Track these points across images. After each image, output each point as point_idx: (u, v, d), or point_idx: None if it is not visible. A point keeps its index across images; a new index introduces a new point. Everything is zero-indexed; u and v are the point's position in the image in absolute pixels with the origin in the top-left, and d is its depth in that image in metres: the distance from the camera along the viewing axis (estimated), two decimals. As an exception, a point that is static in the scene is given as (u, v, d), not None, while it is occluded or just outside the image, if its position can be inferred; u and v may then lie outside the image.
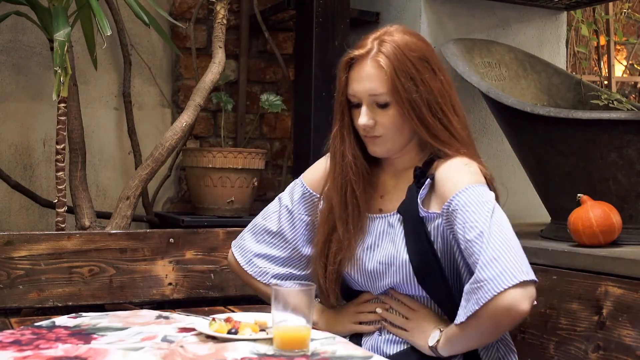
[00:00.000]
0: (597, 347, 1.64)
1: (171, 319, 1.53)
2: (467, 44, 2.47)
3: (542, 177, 2.18)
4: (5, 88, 2.65)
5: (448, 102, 1.52)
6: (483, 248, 1.33)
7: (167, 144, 2.29)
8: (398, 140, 1.52)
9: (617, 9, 4.02)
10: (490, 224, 1.36)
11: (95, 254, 1.95)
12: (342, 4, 2.55)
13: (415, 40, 1.52)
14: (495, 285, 1.29)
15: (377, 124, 1.50)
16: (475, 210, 1.38)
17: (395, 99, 1.47)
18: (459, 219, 1.39)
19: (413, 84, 1.47)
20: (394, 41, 1.49)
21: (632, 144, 1.92)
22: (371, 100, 1.49)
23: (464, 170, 1.46)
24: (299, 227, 1.66)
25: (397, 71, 1.46)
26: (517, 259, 1.32)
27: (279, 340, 1.26)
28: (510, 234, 1.37)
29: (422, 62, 1.49)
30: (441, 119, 1.50)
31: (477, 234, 1.35)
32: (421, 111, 1.48)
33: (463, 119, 1.56)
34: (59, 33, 2.01)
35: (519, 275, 1.29)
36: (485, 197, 1.41)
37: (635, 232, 1.98)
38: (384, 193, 1.59)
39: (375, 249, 1.54)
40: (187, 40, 2.88)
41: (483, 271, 1.31)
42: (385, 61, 1.47)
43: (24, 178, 2.66)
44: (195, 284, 2.05)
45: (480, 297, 1.30)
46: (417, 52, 1.49)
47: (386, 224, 1.55)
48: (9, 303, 1.87)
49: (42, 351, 1.24)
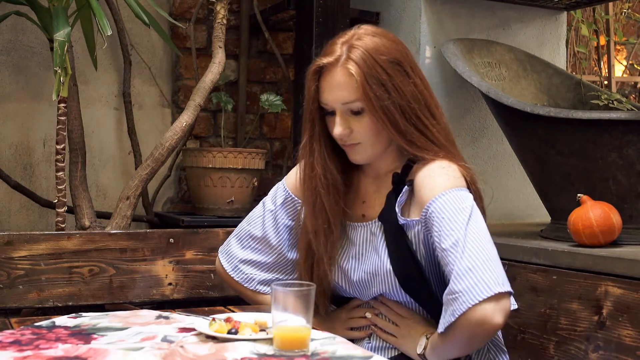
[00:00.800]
0: (597, 347, 1.64)
1: (171, 319, 1.53)
2: (467, 44, 2.47)
3: (542, 177, 2.18)
4: (5, 88, 2.65)
5: (423, 106, 1.47)
6: (457, 258, 1.31)
7: (167, 144, 2.29)
8: (377, 146, 1.49)
9: (617, 9, 4.02)
10: (465, 232, 1.33)
11: (95, 254, 1.95)
12: (342, 4, 2.55)
13: (386, 42, 1.46)
14: (469, 298, 1.27)
15: (353, 131, 1.46)
16: (451, 217, 1.35)
17: (367, 107, 1.43)
18: (435, 226, 1.37)
19: (384, 90, 1.42)
20: (363, 46, 1.44)
21: (632, 144, 1.92)
22: (345, 108, 1.45)
23: (442, 174, 1.42)
24: (282, 232, 1.63)
25: (368, 78, 1.42)
26: (492, 269, 1.30)
27: (279, 341, 1.26)
28: (486, 243, 1.34)
29: (393, 66, 1.45)
30: (416, 124, 1.45)
31: (452, 242, 1.33)
32: (394, 118, 1.43)
33: (441, 120, 1.51)
34: (59, 33, 2.01)
35: (493, 287, 1.27)
36: (462, 202, 1.37)
37: (635, 232, 1.98)
38: (365, 198, 1.57)
39: (360, 259, 1.53)
40: (187, 40, 2.88)
41: (457, 283, 1.29)
42: (355, 68, 1.42)
43: (24, 178, 2.66)
44: (195, 284, 2.04)
45: (455, 309, 1.29)
46: (387, 55, 1.45)
47: (369, 232, 1.53)
48: (9, 303, 1.87)
49: (42, 351, 1.24)
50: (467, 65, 2.30)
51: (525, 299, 1.85)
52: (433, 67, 2.55)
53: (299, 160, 1.57)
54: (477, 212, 1.39)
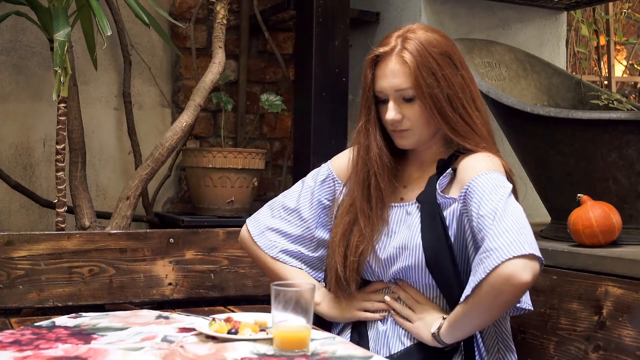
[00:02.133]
0: (597, 347, 1.64)
1: (171, 319, 1.53)
2: (467, 44, 2.47)
3: (542, 177, 2.18)
4: (5, 88, 2.65)
5: (469, 97, 1.56)
6: (494, 223, 1.36)
7: (167, 144, 2.29)
8: (425, 132, 1.57)
9: (617, 9, 4.02)
10: (505, 205, 1.38)
11: (95, 254, 1.95)
12: (342, 4, 2.55)
13: (437, 37, 1.56)
14: (502, 254, 1.31)
15: (404, 117, 1.55)
16: (492, 191, 1.41)
17: (418, 94, 1.52)
18: (475, 198, 1.42)
19: (435, 79, 1.51)
20: (417, 38, 1.54)
21: (632, 144, 1.92)
22: (397, 95, 1.54)
23: (485, 160, 1.50)
24: (316, 209, 1.69)
25: (420, 67, 1.51)
26: (527, 235, 1.35)
27: (279, 340, 1.26)
28: (522, 217, 1.40)
29: (444, 58, 1.54)
30: (461, 114, 1.54)
31: (490, 209, 1.38)
32: (442, 105, 1.52)
33: (484, 114, 1.60)
34: (59, 33, 2.01)
35: (527, 247, 1.31)
36: (503, 183, 1.44)
37: (635, 232, 1.98)
38: (407, 184, 1.63)
39: (391, 236, 1.58)
40: (187, 40, 2.88)
41: (492, 241, 1.33)
42: (409, 57, 1.51)
43: (24, 178, 2.66)
44: (195, 284, 2.04)
45: (486, 265, 1.32)
46: (438, 47, 1.54)
47: (404, 212, 1.59)
48: (9, 303, 1.87)
49: (42, 351, 1.24)
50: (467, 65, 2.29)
51: (525, 299, 1.85)
52: (433, 67, 2.54)
53: (352, 144, 1.64)
54: (513, 196, 1.45)
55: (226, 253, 2.08)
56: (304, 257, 1.70)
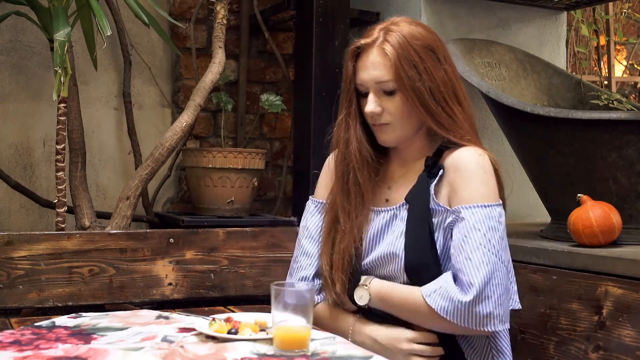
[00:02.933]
0: (597, 347, 1.64)
1: (171, 319, 1.53)
2: (467, 44, 2.47)
3: (542, 177, 2.18)
4: (5, 88, 2.65)
5: (451, 91, 1.54)
6: (465, 261, 1.42)
7: (167, 144, 2.29)
8: (406, 127, 1.55)
9: (617, 9, 4.02)
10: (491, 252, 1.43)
11: (95, 254, 1.95)
12: (342, 4, 2.55)
13: (421, 30, 1.55)
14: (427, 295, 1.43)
15: (385, 111, 1.53)
16: (478, 237, 1.43)
17: (399, 86, 1.50)
18: (461, 232, 1.44)
19: (416, 72, 1.50)
20: (400, 30, 1.53)
21: (632, 144, 1.92)
22: (378, 88, 1.53)
23: (480, 175, 1.49)
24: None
25: (401, 59, 1.50)
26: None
27: (279, 340, 1.26)
28: (500, 267, 1.43)
29: (426, 51, 1.52)
30: (444, 107, 1.53)
31: (470, 248, 1.42)
32: (424, 98, 1.50)
33: (468, 109, 1.59)
34: (59, 33, 2.01)
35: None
36: (495, 221, 1.45)
37: (635, 232, 1.98)
38: (390, 184, 1.62)
39: (375, 241, 1.56)
40: (187, 40, 2.88)
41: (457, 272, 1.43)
42: (389, 49, 1.50)
43: (24, 178, 2.66)
44: (195, 284, 2.04)
45: (464, 319, 1.40)
46: (421, 40, 1.53)
47: (390, 216, 1.57)
48: (9, 303, 1.87)
49: (42, 351, 1.24)
50: (467, 65, 2.30)
51: (525, 299, 1.85)
52: (433, 67, 2.54)
53: (333, 138, 1.63)
54: (503, 228, 1.47)
55: (226, 253, 2.08)
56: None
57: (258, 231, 2.11)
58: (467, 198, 1.47)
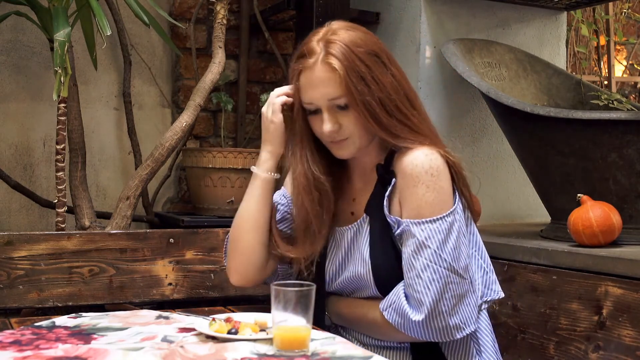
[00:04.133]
0: (597, 347, 1.64)
1: (171, 319, 1.53)
2: (467, 44, 2.47)
3: (542, 177, 2.18)
4: (5, 88, 2.65)
5: (402, 96, 1.46)
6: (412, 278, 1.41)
7: (167, 144, 2.29)
8: (364, 139, 1.48)
9: (617, 9, 4.02)
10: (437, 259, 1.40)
11: (95, 254, 1.95)
12: (342, 4, 2.55)
13: (361, 35, 1.46)
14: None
15: (342, 127, 1.45)
16: (428, 254, 1.40)
17: (350, 101, 1.42)
18: (411, 247, 1.42)
19: (365, 84, 1.41)
20: (340, 40, 1.43)
21: (632, 144, 1.92)
22: (331, 105, 1.44)
23: (425, 181, 1.42)
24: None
25: (349, 72, 1.41)
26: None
27: (279, 340, 1.26)
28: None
29: (371, 57, 1.44)
30: (397, 117, 1.45)
31: (419, 266, 1.40)
32: (376, 112, 1.42)
33: (421, 110, 1.51)
34: (59, 33, 2.01)
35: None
36: (443, 237, 1.40)
37: (635, 232, 1.98)
38: (355, 196, 1.57)
39: (345, 264, 1.55)
40: (187, 40, 2.88)
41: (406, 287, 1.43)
42: (337, 63, 1.41)
43: (24, 178, 2.66)
44: (195, 284, 2.04)
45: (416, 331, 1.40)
46: (364, 47, 1.44)
47: (354, 233, 1.54)
48: (9, 303, 1.87)
49: (42, 351, 1.24)
50: (467, 65, 2.30)
51: (525, 299, 1.85)
52: (433, 67, 2.55)
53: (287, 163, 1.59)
54: (458, 231, 1.42)
55: (226, 253, 2.08)
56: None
57: (258, 231, 2.11)
58: (415, 210, 1.42)
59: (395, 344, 1.51)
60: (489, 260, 1.54)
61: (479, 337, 1.53)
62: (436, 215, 1.41)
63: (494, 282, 1.53)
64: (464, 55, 2.37)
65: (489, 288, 1.52)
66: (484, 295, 1.51)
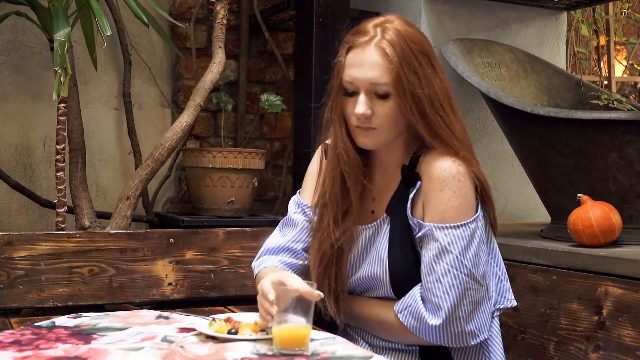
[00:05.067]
0: (597, 347, 1.64)
1: (171, 319, 1.53)
2: (467, 44, 2.47)
3: (542, 177, 2.18)
4: (5, 88, 2.65)
5: (447, 102, 1.45)
6: (432, 282, 1.41)
7: (167, 144, 2.29)
8: (390, 134, 1.45)
9: (617, 9, 4.02)
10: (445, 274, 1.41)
11: (95, 254, 1.95)
12: (342, 4, 2.55)
13: (417, 33, 1.46)
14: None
15: (374, 114, 1.42)
16: (449, 259, 1.40)
17: (397, 91, 1.39)
18: (433, 251, 1.41)
19: (416, 78, 1.40)
20: (397, 30, 1.42)
21: (632, 144, 1.92)
22: (371, 89, 1.41)
23: (452, 187, 1.41)
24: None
25: (402, 62, 1.39)
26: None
27: (278, 340, 1.26)
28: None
29: (424, 57, 1.43)
30: (443, 117, 1.43)
31: (440, 270, 1.40)
32: (423, 106, 1.41)
33: (461, 120, 1.50)
34: (59, 33, 2.00)
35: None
36: (465, 244, 1.41)
37: (635, 232, 1.99)
38: (375, 195, 1.55)
39: (361, 261, 1.53)
40: (187, 40, 2.88)
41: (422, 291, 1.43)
42: (390, 49, 1.39)
43: (24, 178, 2.66)
44: (195, 284, 2.04)
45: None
46: (419, 45, 1.43)
47: (373, 231, 1.53)
48: (9, 303, 1.87)
49: (42, 351, 1.24)
50: (467, 65, 2.30)
51: (525, 299, 1.85)
52: (433, 67, 2.54)
53: (328, 137, 1.55)
54: (479, 239, 1.43)
55: (226, 253, 2.08)
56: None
57: (258, 231, 2.11)
58: (439, 214, 1.41)
59: (403, 346, 1.50)
60: (505, 268, 1.55)
61: (490, 344, 1.53)
62: (460, 221, 1.41)
63: (508, 291, 1.54)
64: (464, 55, 2.37)
65: (503, 296, 1.53)
66: (497, 303, 1.51)
